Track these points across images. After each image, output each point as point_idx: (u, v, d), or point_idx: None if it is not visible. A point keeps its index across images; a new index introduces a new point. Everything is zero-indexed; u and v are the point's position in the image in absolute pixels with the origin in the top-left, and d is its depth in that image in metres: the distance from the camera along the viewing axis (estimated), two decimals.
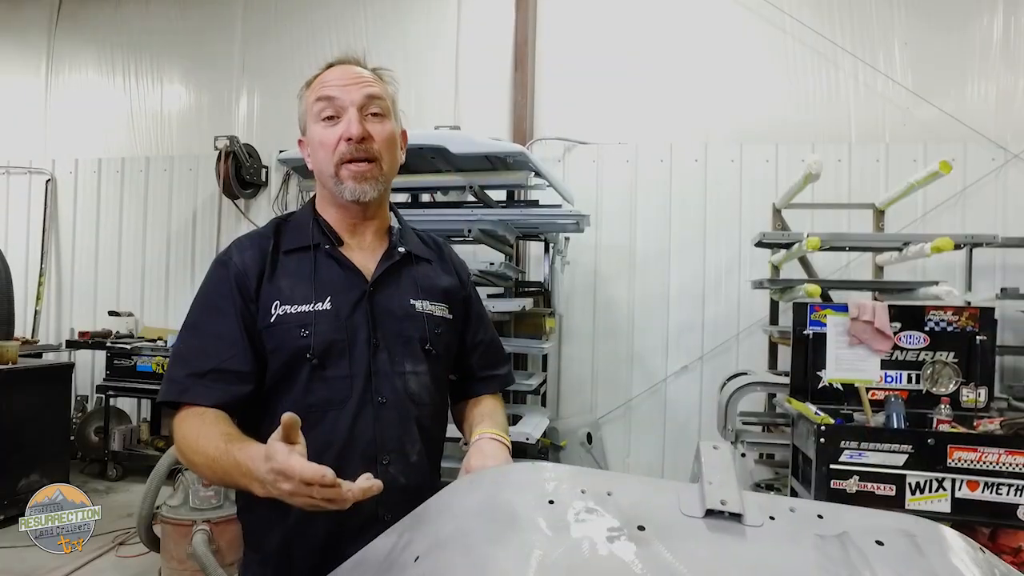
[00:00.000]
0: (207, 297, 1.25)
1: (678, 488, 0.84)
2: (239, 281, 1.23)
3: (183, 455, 1.16)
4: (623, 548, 0.74)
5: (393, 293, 1.30)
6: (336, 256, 1.28)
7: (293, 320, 1.21)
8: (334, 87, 1.26)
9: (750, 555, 0.75)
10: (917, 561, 0.75)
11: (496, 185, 4.04)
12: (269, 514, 1.22)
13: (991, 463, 2.36)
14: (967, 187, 4.64)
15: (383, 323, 1.26)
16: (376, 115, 1.27)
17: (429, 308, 1.32)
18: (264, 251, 1.27)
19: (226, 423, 1.16)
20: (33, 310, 6.07)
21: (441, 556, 0.79)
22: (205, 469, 1.11)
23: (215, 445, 1.09)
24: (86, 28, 6.32)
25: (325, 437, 1.19)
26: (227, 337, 1.20)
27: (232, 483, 1.08)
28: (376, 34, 5.61)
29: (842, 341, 2.85)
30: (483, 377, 1.47)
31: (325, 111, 1.25)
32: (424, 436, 1.29)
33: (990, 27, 4.74)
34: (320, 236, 1.29)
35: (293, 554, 1.22)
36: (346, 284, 1.26)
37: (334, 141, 1.24)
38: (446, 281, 1.40)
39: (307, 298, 1.23)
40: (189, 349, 1.21)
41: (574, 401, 5.19)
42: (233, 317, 1.21)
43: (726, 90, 5.03)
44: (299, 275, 1.25)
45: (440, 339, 1.33)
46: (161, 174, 6.08)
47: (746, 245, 4.67)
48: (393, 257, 1.32)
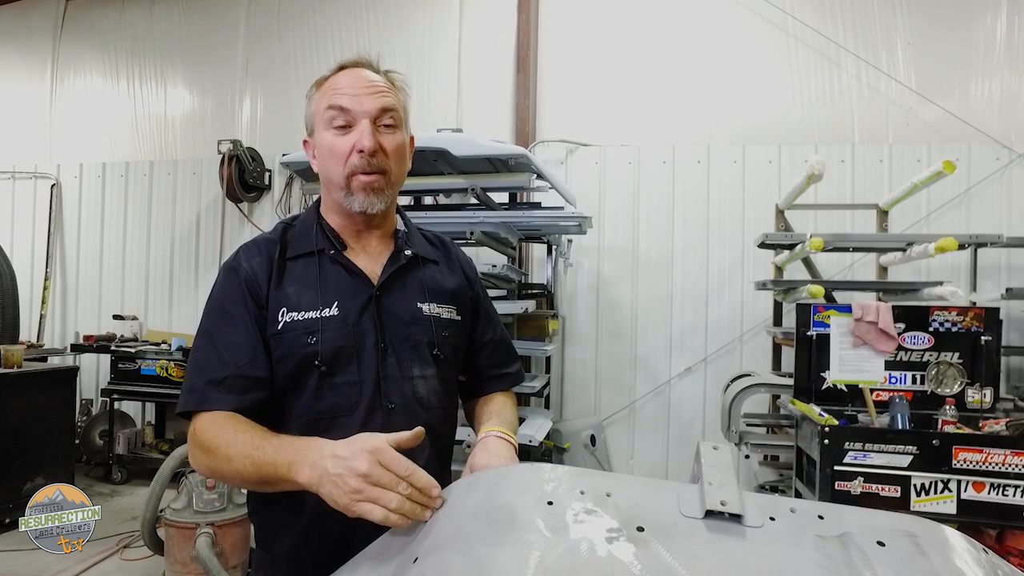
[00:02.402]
0: (220, 304, 1.24)
1: (678, 489, 0.84)
2: (250, 286, 1.22)
3: (209, 454, 1.11)
4: (622, 549, 0.73)
5: (400, 297, 1.29)
6: (342, 261, 1.27)
7: (300, 327, 1.20)
8: (347, 96, 1.23)
9: (750, 556, 0.75)
10: (919, 562, 0.75)
11: (498, 187, 4.04)
12: (283, 515, 1.22)
13: (997, 464, 2.35)
14: (971, 187, 4.62)
15: (391, 328, 1.25)
16: (388, 126, 1.26)
17: (436, 311, 1.31)
18: (271, 257, 1.26)
19: (251, 422, 1.14)
20: (38, 314, 6.10)
21: (440, 557, 0.79)
22: (238, 465, 1.06)
23: (250, 437, 1.07)
24: (91, 33, 6.36)
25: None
26: (243, 344, 1.19)
27: (270, 473, 1.03)
28: (379, 37, 5.62)
29: (846, 342, 2.84)
30: (493, 376, 1.46)
31: (337, 120, 1.23)
32: (433, 440, 1.28)
33: (994, 26, 4.72)
34: (325, 241, 1.28)
35: (304, 555, 1.22)
36: (353, 289, 1.25)
37: (346, 151, 1.22)
38: (453, 282, 1.38)
39: (314, 304, 1.22)
40: (206, 358, 1.19)
41: (578, 403, 5.19)
42: (247, 323, 1.20)
43: (729, 92, 5.03)
44: (305, 281, 1.24)
45: (448, 342, 1.32)
46: (165, 178, 6.10)
47: (749, 246, 4.66)
48: (399, 261, 1.31)
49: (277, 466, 1.02)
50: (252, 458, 1.05)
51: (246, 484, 1.12)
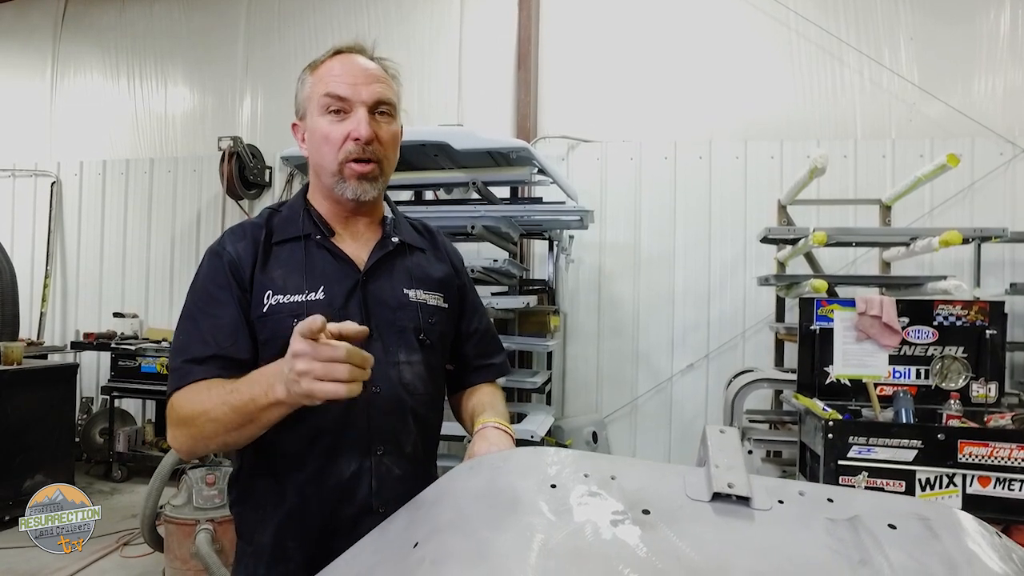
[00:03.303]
0: (203, 287, 1.23)
1: (684, 472, 0.82)
2: (233, 270, 1.22)
3: (188, 424, 1.11)
4: (627, 532, 0.72)
5: (386, 283, 1.28)
6: (328, 246, 1.27)
7: (286, 310, 1.20)
8: (343, 84, 1.22)
9: (758, 538, 0.73)
10: (932, 544, 0.73)
11: (499, 181, 4.02)
12: (263, 504, 1.22)
13: (1003, 458, 2.33)
14: (975, 182, 4.60)
15: (377, 313, 1.25)
16: (384, 114, 1.26)
17: (423, 297, 1.31)
18: (257, 241, 1.25)
19: (220, 380, 1.13)
20: (39, 312, 6.09)
21: (441, 541, 0.77)
22: (217, 414, 1.06)
23: (220, 387, 1.08)
24: (91, 31, 6.35)
25: (319, 426, 1.17)
26: (226, 326, 1.18)
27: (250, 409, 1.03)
28: (379, 34, 5.60)
29: (849, 336, 2.81)
30: (479, 366, 1.46)
31: (332, 106, 1.23)
32: (419, 426, 1.28)
33: (997, 21, 4.70)
34: (311, 226, 1.28)
35: (286, 545, 1.20)
36: (339, 274, 1.25)
37: (340, 138, 1.22)
38: (440, 270, 1.38)
39: (299, 288, 1.21)
40: (189, 339, 1.19)
41: (579, 400, 5.17)
42: (231, 305, 1.20)
43: (730, 87, 5.01)
44: (291, 265, 1.24)
45: (434, 328, 1.31)
46: (165, 175, 6.09)
47: (751, 242, 4.64)
48: (386, 247, 1.31)
49: (255, 398, 1.03)
50: (228, 403, 1.05)
51: (229, 433, 1.09)
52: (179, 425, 1.13)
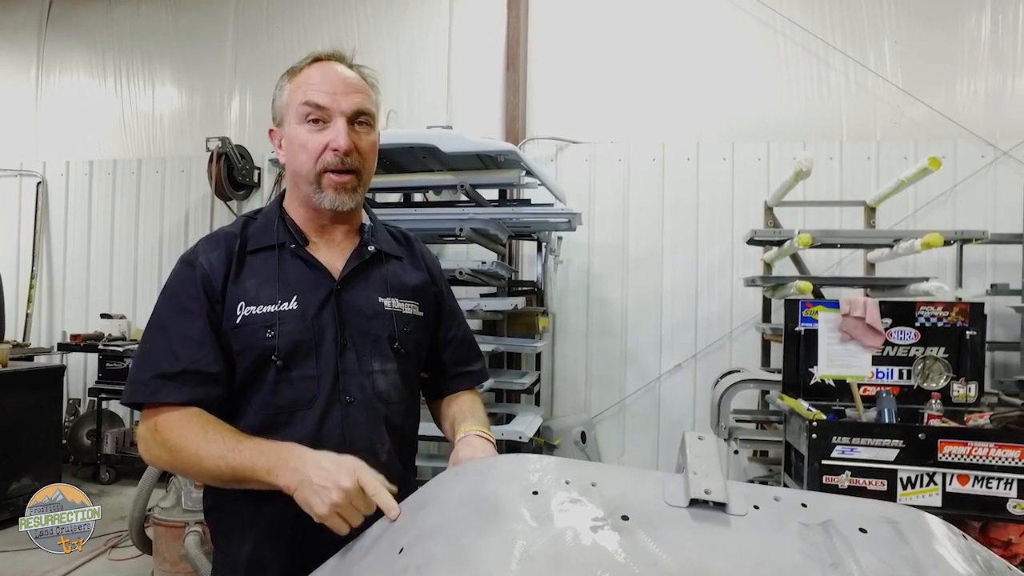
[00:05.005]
0: (175, 297, 1.23)
1: (663, 478, 0.84)
2: (205, 283, 1.21)
3: (173, 453, 1.12)
4: (606, 538, 0.74)
5: (361, 291, 1.28)
6: (303, 255, 1.27)
7: (259, 321, 1.20)
8: (323, 93, 1.22)
9: (734, 544, 0.75)
10: (900, 548, 0.75)
11: (487, 184, 4.04)
12: (240, 513, 1.21)
13: (981, 457, 2.37)
14: (957, 184, 4.66)
15: (351, 322, 1.25)
16: (363, 124, 1.26)
17: (398, 306, 1.31)
18: (231, 251, 1.25)
19: (218, 420, 1.14)
20: (24, 313, 6.03)
21: (425, 547, 0.79)
22: (210, 464, 1.08)
23: (223, 438, 1.09)
24: (77, 30, 6.30)
25: (293, 437, 1.16)
26: (196, 339, 1.18)
27: (246, 476, 1.06)
28: (368, 35, 5.60)
29: (834, 337, 2.86)
30: (457, 374, 1.46)
31: (311, 115, 1.23)
32: (394, 435, 1.28)
33: (978, 25, 4.77)
34: (286, 235, 1.28)
35: (263, 555, 1.20)
36: (313, 283, 1.25)
37: (319, 148, 1.22)
38: (416, 278, 1.38)
39: (272, 298, 1.21)
40: (158, 350, 1.18)
41: (568, 400, 5.19)
42: (201, 319, 1.19)
43: (718, 89, 5.04)
44: (265, 275, 1.24)
45: (409, 337, 1.32)
46: (153, 176, 6.06)
47: (739, 243, 4.68)
48: (363, 256, 1.31)
49: (255, 469, 1.05)
50: (226, 459, 1.06)
51: (213, 481, 1.14)
52: (161, 447, 1.14)
